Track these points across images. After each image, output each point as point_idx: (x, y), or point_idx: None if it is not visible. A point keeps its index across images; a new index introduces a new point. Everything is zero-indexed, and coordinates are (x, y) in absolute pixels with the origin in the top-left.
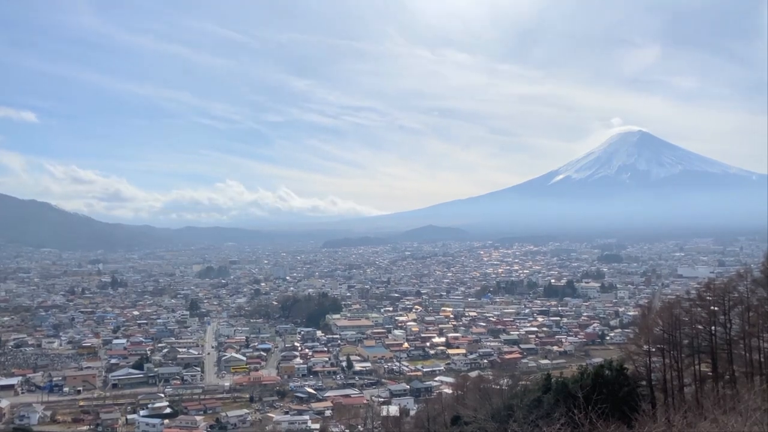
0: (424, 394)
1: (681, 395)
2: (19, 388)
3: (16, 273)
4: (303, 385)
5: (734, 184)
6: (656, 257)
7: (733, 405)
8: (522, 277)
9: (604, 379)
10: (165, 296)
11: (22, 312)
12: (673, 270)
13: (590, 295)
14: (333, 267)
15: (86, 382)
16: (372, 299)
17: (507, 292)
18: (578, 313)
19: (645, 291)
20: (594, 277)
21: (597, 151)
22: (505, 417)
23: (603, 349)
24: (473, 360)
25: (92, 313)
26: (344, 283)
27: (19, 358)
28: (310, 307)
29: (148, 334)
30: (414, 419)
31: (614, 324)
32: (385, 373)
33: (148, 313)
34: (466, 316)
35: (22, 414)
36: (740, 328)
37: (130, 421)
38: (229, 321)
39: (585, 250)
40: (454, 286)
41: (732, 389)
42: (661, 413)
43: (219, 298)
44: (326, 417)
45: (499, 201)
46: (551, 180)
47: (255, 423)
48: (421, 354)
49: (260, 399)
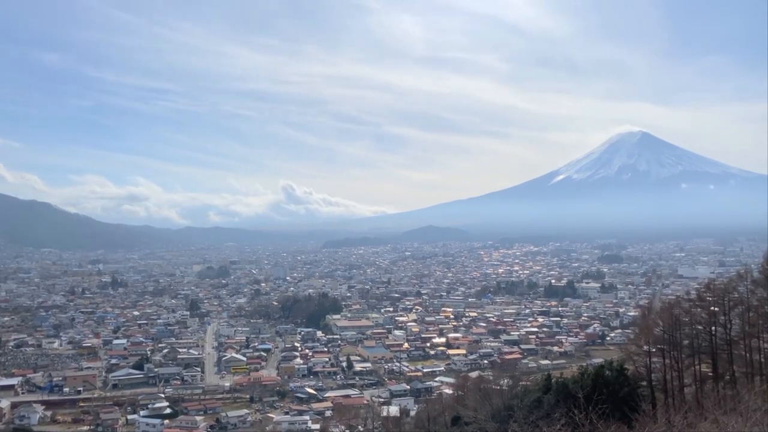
0: (424, 395)
1: (681, 396)
2: (19, 388)
3: (17, 273)
4: (303, 386)
5: (734, 184)
6: (656, 257)
7: (734, 405)
8: (522, 277)
9: (604, 379)
10: (165, 296)
11: (22, 312)
12: (674, 270)
13: (590, 295)
14: (333, 267)
15: (86, 382)
16: (372, 299)
17: (507, 293)
18: (578, 313)
19: (645, 291)
20: (594, 277)
21: (597, 152)
22: (506, 417)
23: (603, 349)
24: (473, 360)
25: (92, 313)
26: (344, 283)
27: (19, 358)
28: (310, 308)
29: (149, 334)
30: (414, 419)
31: (614, 324)
32: (385, 373)
33: (148, 313)
34: (466, 316)
35: (22, 414)
36: (740, 329)
37: (130, 421)
38: (230, 321)
39: (585, 251)
40: (455, 286)
41: (732, 390)
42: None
43: (219, 298)
44: (326, 417)
45: (499, 201)
46: (551, 180)
47: (255, 423)
48: (422, 354)
49: (260, 399)
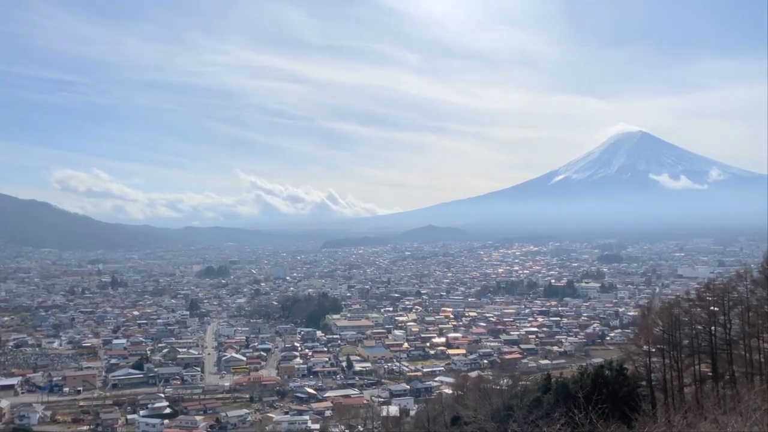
0: (424, 395)
1: (681, 395)
2: (19, 388)
3: (16, 273)
4: (303, 385)
5: (734, 184)
6: (656, 257)
7: (733, 405)
8: (522, 277)
9: (604, 379)
10: (165, 296)
11: (22, 312)
12: (673, 270)
13: (590, 295)
14: (333, 267)
15: (86, 382)
16: (372, 299)
17: (507, 293)
18: (578, 313)
19: (645, 291)
20: (594, 277)
21: (597, 151)
22: (505, 417)
23: (603, 349)
24: (473, 360)
25: (92, 313)
26: (344, 283)
27: (19, 358)
28: (310, 307)
29: (148, 334)
30: (414, 419)
31: (614, 324)
32: (385, 373)
33: (148, 313)
34: (466, 316)
35: (22, 414)
36: (740, 329)
37: (130, 421)
38: (229, 321)
39: (585, 250)
40: (454, 286)
41: (732, 389)
42: (661, 413)
43: (219, 298)
44: (326, 417)
45: (499, 201)
46: (551, 180)
47: (255, 423)
48: (421, 354)
49: (260, 399)
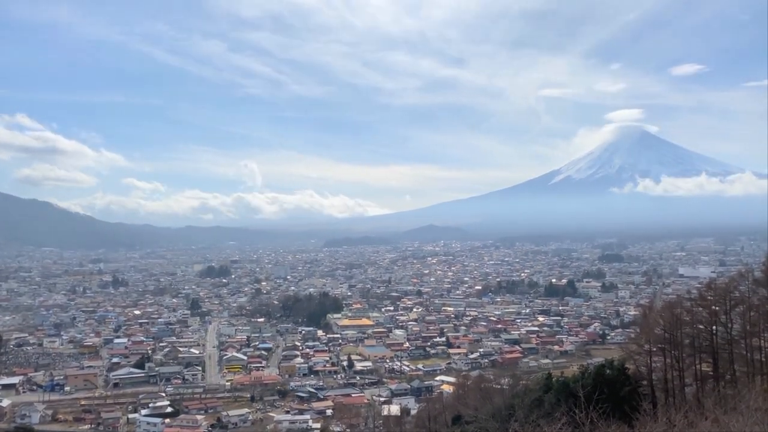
0: (425, 394)
1: (682, 395)
2: (20, 387)
3: (18, 272)
4: (304, 385)
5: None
6: (657, 257)
7: (735, 405)
8: (523, 276)
9: (605, 378)
10: (166, 295)
11: (23, 311)
12: (674, 270)
13: (591, 294)
14: (334, 266)
15: (87, 381)
16: (373, 299)
17: (508, 292)
18: (579, 312)
19: (646, 291)
20: (595, 276)
21: (597, 151)
22: (506, 416)
23: (604, 348)
24: (474, 359)
25: (93, 312)
26: (345, 282)
27: (20, 357)
28: (311, 307)
29: (149, 333)
30: (415, 419)
31: (615, 324)
32: (386, 372)
33: (149, 312)
34: (466, 315)
35: (23, 413)
36: (741, 328)
37: (131, 420)
38: (230, 320)
39: (586, 250)
40: (455, 285)
41: (733, 389)
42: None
43: (220, 297)
44: (327, 416)
45: (499, 201)
46: (552, 180)
47: (256, 422)
48: (422, 353)
49: (261, 398)
